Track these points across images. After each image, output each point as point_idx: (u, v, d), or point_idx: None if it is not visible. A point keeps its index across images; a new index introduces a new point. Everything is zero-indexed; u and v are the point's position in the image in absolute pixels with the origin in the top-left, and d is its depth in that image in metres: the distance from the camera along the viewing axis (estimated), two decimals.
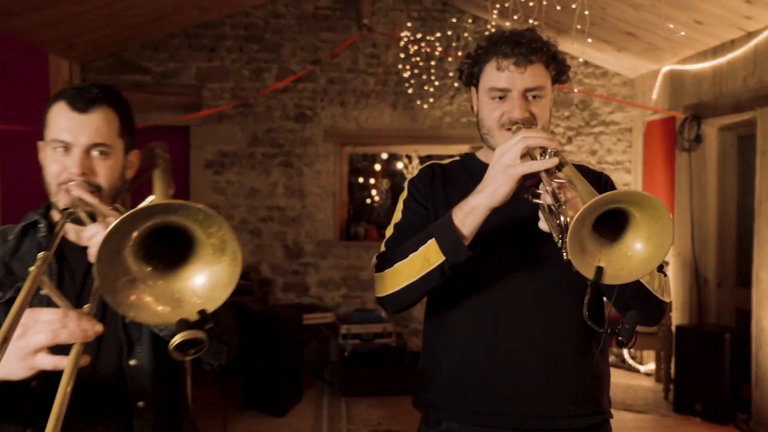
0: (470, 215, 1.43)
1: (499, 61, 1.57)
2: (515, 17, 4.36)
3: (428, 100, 6.04)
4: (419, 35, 5.99)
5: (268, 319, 4.79)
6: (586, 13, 4.14)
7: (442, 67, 6.04)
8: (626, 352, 5.83)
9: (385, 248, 1.66)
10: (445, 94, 6.07)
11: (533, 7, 4.30)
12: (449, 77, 6.01)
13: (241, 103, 5.89)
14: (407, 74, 6.02)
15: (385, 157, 7.49)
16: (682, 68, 5.24)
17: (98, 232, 1.19)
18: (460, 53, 5.81)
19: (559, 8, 4.17)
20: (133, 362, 1.40)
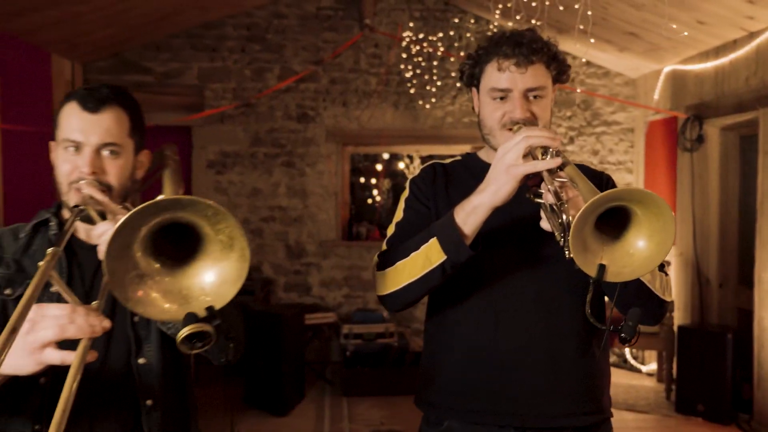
0: (472, 214, 1.43)
1: (499, 61, 1.57)
2: (518, 17, 4.36)
3: (430, 100, 6.04)
4: (421, 35, 5.99)
5: (270, 318, 4.80)
6: (589, 13, 4.14)
7: (443, 67, 6.05)
8: (628, 352, 5.83)
9: (386, 247, 1.65)
10: (446, 94, 6.07)
11: (536, 7, 4.30)
12: (451, 77, 6.02)
13: (243, 103, 5.90)
14: (409, 74, 6.02)
15: (386, 157, 7.50)
16: (684, 68, 5.24)
17: (108, 230, 1.19)
18: (462, 53, 5.81)
19: (561, 8, 4.17)
20: (141, 360, 1.41)
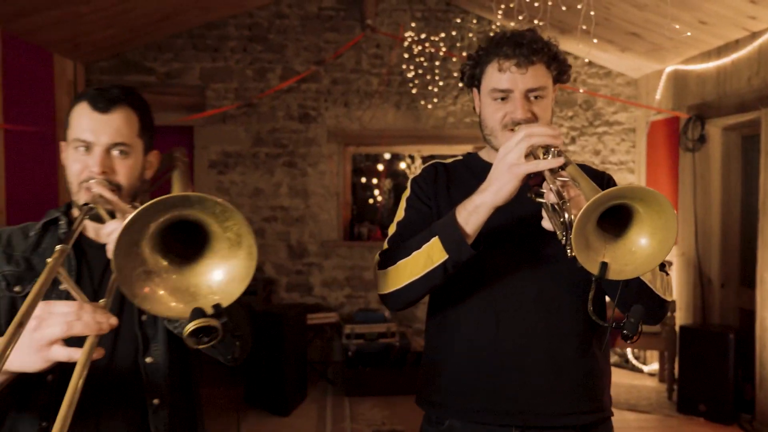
0: (474, 213, 1.44)
1: (500, 62, 1.57)
2: (520, 17, 4.35)
3: (432, 100, 6.04)
4: (423, 35, 6.00)
5: (271, 318, 4.80)
6: (591, 13, 4.14)
7: (445, 67, 6.05)
8: (630, 352, 5.83)
9: (387, 246, 1.66)
10: (448, 94, 6.07)
11: (538, 7, 4.30)
12: (453, 77, 6.02)
13: (244, 103, 5.90)
14: (411, 74, 6.02)
15: (387, 157, 7.50)
16: (686, 68, 5.24)
17: (117, 228, 1.19)
18: (464, 53, 5.81)
19: (564, 8, 4.17)
20: (148, 359, 1.41)
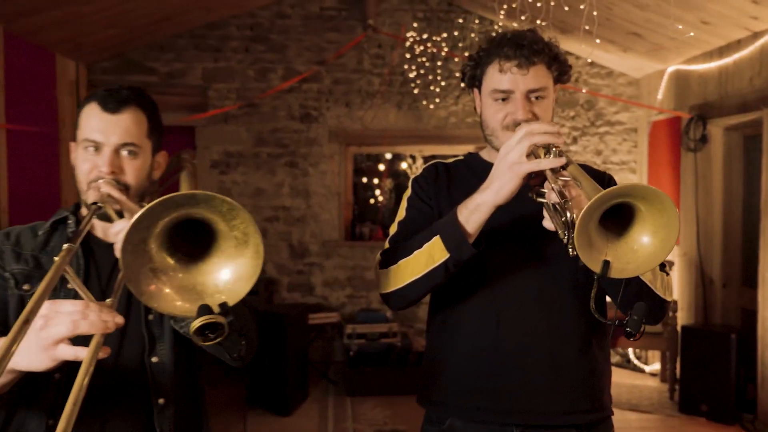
0: (475, 213, 1.44)
1: (501, 63, 1.58)
2: (522, 18, 4.35)
3: (434, 100, 6.05)
4: (425, 35, 6.00)
5: (273, 318, 4.80)
6: (594, 13, 4.14)
7: (447, 67, 6.05)
8: (631, 352, 5.82)
9: (389, 245, 1.66)
10: (450, 94, 6.08)
11: (541, 7, 4.30)
12: (455, 77, 6.02)
13: (246, 103, 5.91)
14: (413, 74, 6.02)
15: (389, 157, 7.49)
16: (687, 68, 5.23)
17: (125, 228, 1.20)
18: (466, 53, 5.80)
19: (567, 9, 4.16)
20: (154, 359, 1.42)
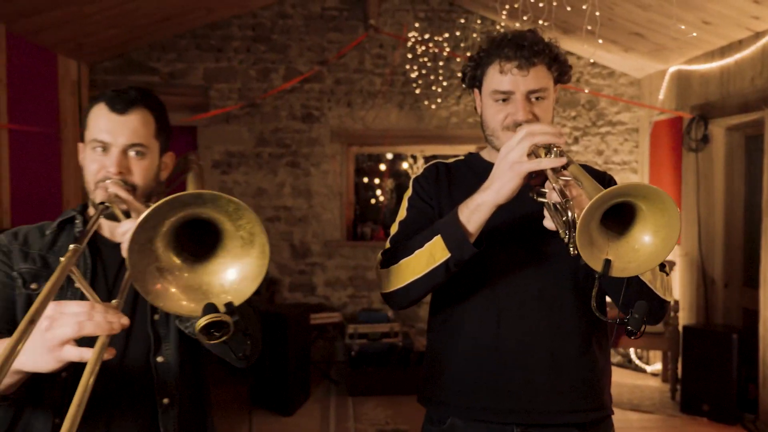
0: (476, 212, 1.44)
1: (501, 64, 1.58)
2: (525, 18, 4.35)
3: (435, 100, 6.05)
4: (426, 36, 6.00)
5: (275, 318, 4.80)
6: (597, 14, 4.14)
7: (449, 67, 6.05)
8: (633, 352, 5.82)
9: (390, 245, 1.67)
10: (451, 94, 6.08)
11: (543, 8, 4.30)
12: (456, 77, 6.02)
13: (248, 103, 5.91)
14: (414, 74, 6.02)
15: (390, 157, 7.49)
16: (689, 68, 5.23)
17: (131, 227, 1.20)
18: (468, 54, 5.80)
19: (569, 9, 4.17)
20: (159, 359, 1.42)
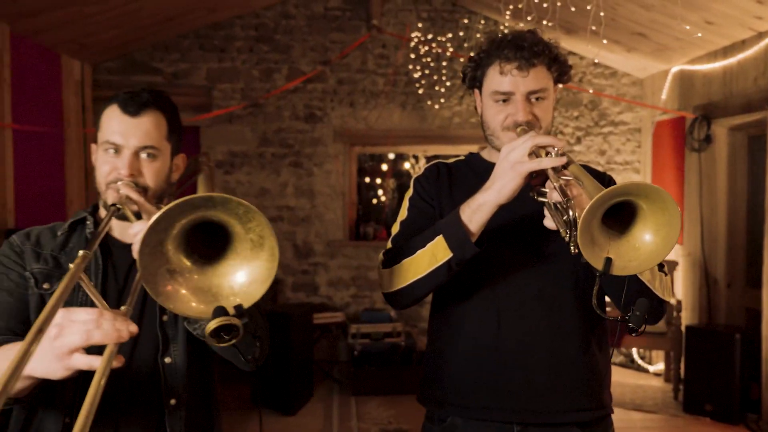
0: (477, 212, 1.45)
1: (501, 65, 1.59)
2: (528, 18, 4.35)
3: (438, 100, 6.05)
4: (429, 36, 6.01)
5: (278, 318, 4.81)
6: (601, 14, 4.14)
7: (451, 67, 6.05)
8: (635, 352, 5.82)
9: (391, 245, 1.68)
10: (454, 94, 6.08)
11: (547, 8, 4.30)
12: (459, 78, 5.99)
13: (251, 103, 5.92)
14: (417, 75, 6.03)
15: (392, 157, 7.50)
16: (692, 68, 5.23)
17: (143, 229, 1.20)
18: (472, 53, 5.80)
19: (573, 9, 4.16)
20: (167, 360, 1.43)
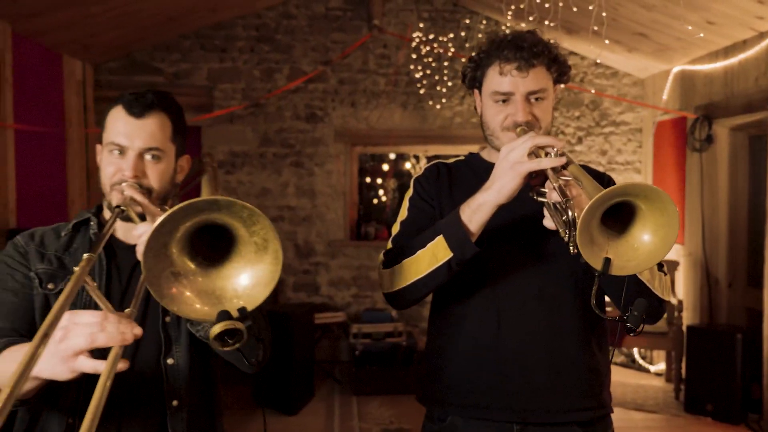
0: (477, 212, 1.45)
1: (501, 65, 1.60)
2: (530, 18, 4.35)
3: (440, 100, 6.05)
4: (431, 36, 6.01)
5: (279, 318, 4.81)
6: (603, 14, 4.14)
7: (453, 67, 6.05)
8: (636, 352, 5.82)
9: (392, 245, 1.68)
10: (455, 94, 6.08)
11: (548, 8, 4.30)
12: (460, 78, 6.00)
13: (252, 103, 5.93)
14: (418, 75, 6.03)
15: (392, 157, 7.50)
16: (693, 68, 5.23)
17: (147, 231, 1.20)
18: (474, 54, 5.79)
19: (575, 9, 4.16)
20: (170, 361, 1.43)
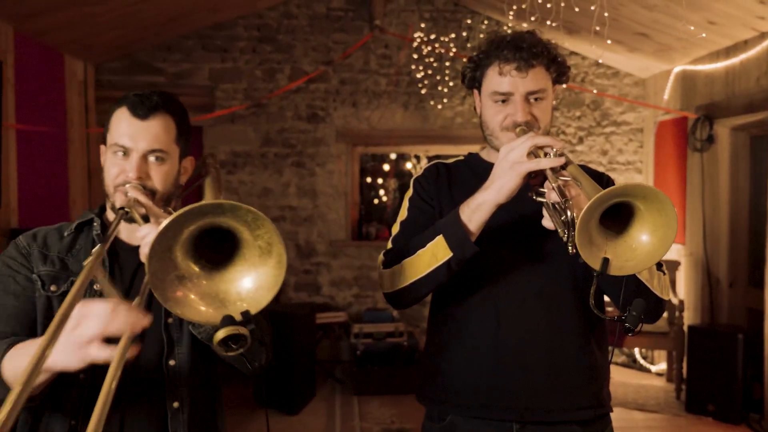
0: (477, 211, 1.46)
1: (500, 65, 1.60)
2: (532, 18, 4.35)
3: (441, 100, 6.06)
4: (432, 36, 6.01)
5: (280, 318, 4.82)
6: (605, 15, 4.14)
7: (454, 67, 6.05)
8: (638, 352, 5.82)
9: (392, 245, 1.69)
10: (456, 94, 6.08)
11: (550, 9, 4.30)
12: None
13: (253, 103, 5.94)
14: (420, 75, 6.03)
15: (393, 157, 7.51)
16: (694, 68, 5.23)
17: (151, 232, 1.22)
18: (473, 54, 5.80)
19: (576, 9, 4.17)
20: (172, 362, 1.44)
